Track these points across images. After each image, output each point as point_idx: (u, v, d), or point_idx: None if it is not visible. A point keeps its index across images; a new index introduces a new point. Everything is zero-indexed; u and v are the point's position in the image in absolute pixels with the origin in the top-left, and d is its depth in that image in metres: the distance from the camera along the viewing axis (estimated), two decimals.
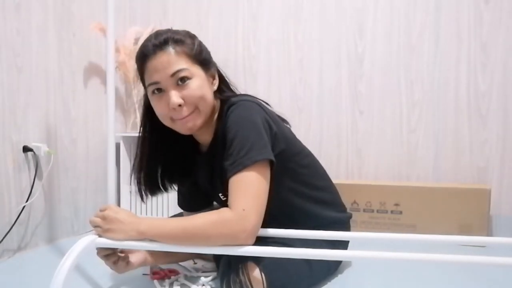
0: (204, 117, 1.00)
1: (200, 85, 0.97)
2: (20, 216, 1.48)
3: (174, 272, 1.22)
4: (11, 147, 1.47)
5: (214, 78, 1.05)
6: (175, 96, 0.95)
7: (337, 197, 1.23)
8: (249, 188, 0.89)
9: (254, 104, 0.99)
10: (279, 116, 1.11)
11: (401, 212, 1.65)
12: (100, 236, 0.93)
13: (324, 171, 1.22)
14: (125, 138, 1.99)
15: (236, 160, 0.90)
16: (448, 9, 1.72)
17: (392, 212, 1.66)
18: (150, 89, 0.99)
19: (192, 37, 1.02)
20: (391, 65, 1.81)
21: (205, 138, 1.08)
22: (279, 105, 1.11)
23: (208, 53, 1.05)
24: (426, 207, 1.61)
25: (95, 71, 1.88)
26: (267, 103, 1.08)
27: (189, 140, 1.11)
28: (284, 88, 1.97)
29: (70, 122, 1.74)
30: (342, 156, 1.90)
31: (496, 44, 1.67)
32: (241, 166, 0.89)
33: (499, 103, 1.68)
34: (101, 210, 0.96)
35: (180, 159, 1.14)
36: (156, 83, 0.97)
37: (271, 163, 0.95)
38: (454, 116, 1.74)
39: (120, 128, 2.10)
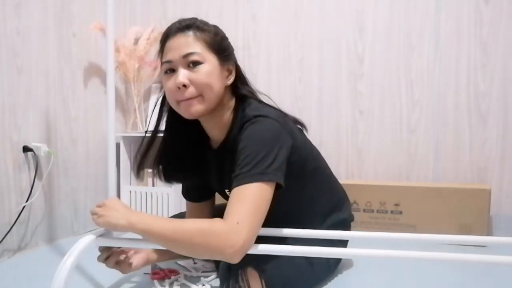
0: (208, 105, 0.97)
1: (210, 72, 0.96)
2: (20, 216, 1.48)
3: (174, 272, 1.22)
4: (11, 147, 1.47)
5: (230, 73, 1.03)
6: (182, 75, 0.94)
7: (343, 197, 1.23)
8: (248, 203, 0.85)
9: (274, 122, 0.95)
10: (296, 121, 1.09)
11: (401, 212, 1.65)
12: (97, 223, 0.93)
13: (331, 172, 1.21)
14: (125, 138, 1.98)
15: (240, 174, 0.88)
16: (448, 9, 1.72)
17: (392, 212, 1.66)
18: (163, 68, 0.99)
19: (218, 30, 1.03)
20: (391, 65, 1.81)
21: (215, 133, 1.06)
22: (279, 105, 1.10)
23: (230, 48, 1.04)
24: (426, 207, 1.61)
25: (95, 71, 1.88)
26: (285, 114, 1.05)
27: (200, 134, 1.09)
28: (284, 88, 1.97)
29: (70, 122, 1.74)
30: (342, 156, 1.90)
31: (496, 44, 1.67)
32: (244, 181, 0.87)
33: (499, 103, 1.68)
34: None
35: (189, 153, 1.13)
36: (169, 62, 0.97)
37: (278, 184, 0.91)
38: (454, 116, 1.74)
39: (120, 128, 2.10)
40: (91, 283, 1.19)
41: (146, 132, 1.10)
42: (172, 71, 0.97)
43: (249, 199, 0.85)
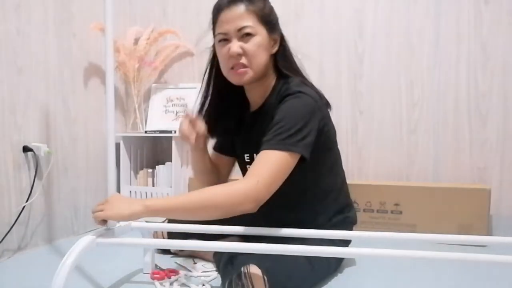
0: (256, 74, 1.09)
1: (260, 44, 1.07)
2: (20, 216, 1.48)
3: (174, 272, 1.22)
4: (11, 147, 1.47)
5: (275, 43, 1.13)
6: (236, 46, 1.06)
7: (350, 202, 1.29)
8: (272, 166, 0.94)
9: (312, 101, 1.04)
10: (327, 103, 1.17)
11: (401, 212, 1.65)
12: (101, 222, 0.93)
13: (345, 175, 1.29)
14: (125, 138, 1.98)
15: (272, 139, 0.97)
16: (448, 9, 1.72)
17: (392, 212, 1.66)
18: (217, 38, 1.11)
19: (266, 1, 1.12)
20: (391, 65, 1.81)
21: (255, 99, 1.17)
22: None
23: (276, 18, 1.15)
24: (426, 207, 1.61)
25: (95, 71, 1.88)
26: (322, 95, 1.14)
27: (242, 97, 1.20)
28: None
29: (70, 122, 1.74)
30: (342, 156, 1.89)
31: (496, 44, 1.67)
32: (274, 147, 0.96)
33: (499, 103, 1.68)
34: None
35: (229, 110, 1.23)
36: (224, 33, 1.08)
37: (303, 158, 1.00)
38: (454, 116, 1.74)
39: (120, 128, 2.10)
40: (91, 283, 1.19)
41: (146, 132, 1.16)
42: (226, 40, 1.08)
43: (275, 165, 0.95)
